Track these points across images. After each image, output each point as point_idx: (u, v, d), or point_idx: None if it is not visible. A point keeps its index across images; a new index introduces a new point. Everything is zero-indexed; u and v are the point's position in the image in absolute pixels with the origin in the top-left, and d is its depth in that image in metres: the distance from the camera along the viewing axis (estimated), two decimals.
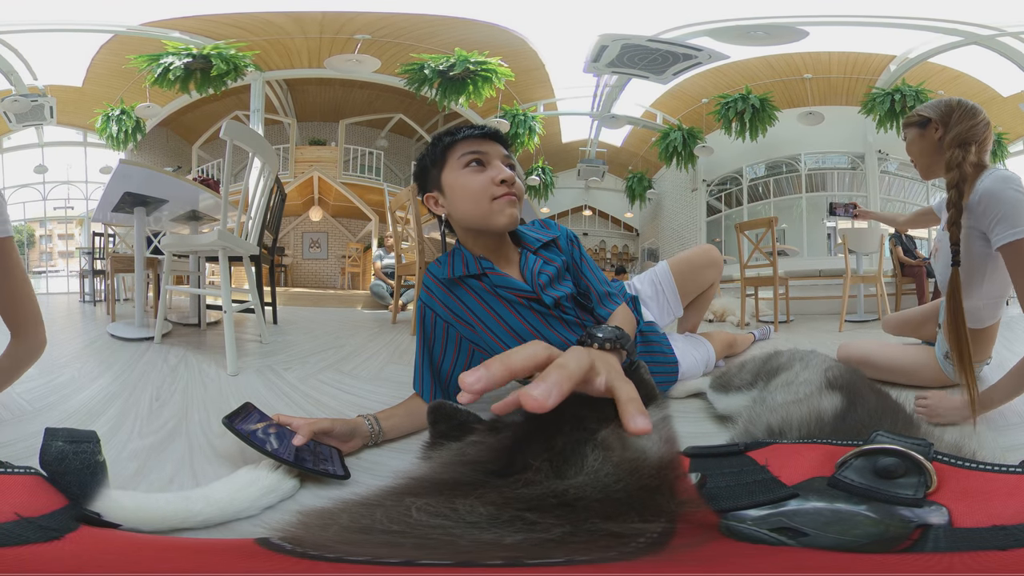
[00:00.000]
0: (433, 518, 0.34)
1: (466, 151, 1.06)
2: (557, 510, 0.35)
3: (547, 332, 1.10)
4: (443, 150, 1.08)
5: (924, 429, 0.59)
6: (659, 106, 6.87)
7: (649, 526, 0.33)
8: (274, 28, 5.73)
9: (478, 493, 0.36)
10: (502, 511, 0.34)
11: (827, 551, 0.33)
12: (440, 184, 1.08)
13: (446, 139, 1.08)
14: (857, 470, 0.38)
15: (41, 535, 0.36)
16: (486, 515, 0.34)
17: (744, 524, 0.36)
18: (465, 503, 0.35)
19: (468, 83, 6.00)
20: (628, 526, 0.33)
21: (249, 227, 2.13)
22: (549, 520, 0.33)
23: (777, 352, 1.04)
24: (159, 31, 5.59)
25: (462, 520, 0.34)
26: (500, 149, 1.08)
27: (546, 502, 0.35)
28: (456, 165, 1.06)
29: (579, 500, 0.35)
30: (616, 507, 0.35)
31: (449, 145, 1.07)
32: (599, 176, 7.67)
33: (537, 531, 0.33)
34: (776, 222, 3.54)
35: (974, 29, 5.18)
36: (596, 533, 0.33)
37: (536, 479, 0.38)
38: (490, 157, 1.06)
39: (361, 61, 5.98)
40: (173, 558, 0.38)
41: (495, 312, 1.09)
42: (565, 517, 0.34)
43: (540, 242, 1.17)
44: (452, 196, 1.07)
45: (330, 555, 0.31)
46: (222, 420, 0.79)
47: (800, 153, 6.68)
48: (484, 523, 0.33)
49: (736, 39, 5.56)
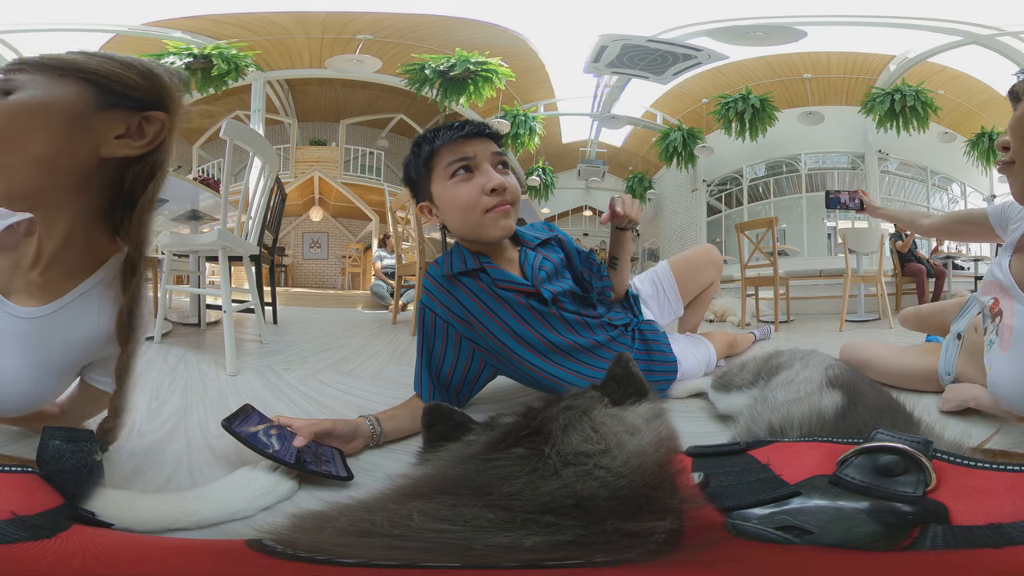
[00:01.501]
0: (436, 523, 0.34)
1: (451, 159, 0.98)
2: (573, 511, 0.35)
3: (547, 332, 1.08)
4: (426, 160, 1.01)
5: (924, 427, 0.59)
6: (659, 106, 6.88)
7: (660, 524, 0.33)
8: (276, 28, 5.73)
9: (485, 500, 0.36)
10: (513, 514, 0.34)
11: (832, 549, 0.33)
12: (431, 195, 1.03)
13: (426, 147, 1.00)
14: (858, 468, 0.38)
15: (32, 534, 0.36)
16: (496, 520, 0.34)
17: (750, 523, 0.36)
18: (471, 510, 0.35)
19: (469, 83, 6.01)
20: (643, 525, 0.33)
21: (249, 227, 2.13)
22: (565, 522, 0.34)
23: (778, 352, 1.04)
24: (161, 31, 5.59)
25: (469, 525, 0.34)
26: (489, 146, 1.00)
27: (560, 503, 0.35)
28: (443, 175, 0.99)
29: (590, 499, 0.36)
30: (626, 505, 0.35)
31: (430, 154, 1.00)
32: (599, 176, 7.67)
33: (554, 533, 0.33)
34: (776, 222, 3.54)
35: (974, 29, 5.18)
36: (613, 533, 0.33)
37: (542, 468, 0.38)
38: (478, 160, 0.99)
39: (362, 61, 5.99)
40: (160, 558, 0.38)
41: (494, 313, 1.07)
42: (580, 518, 0.34)
43: (538, 240, 1.14)
44: (443, 208, 1.02)
45: (320, 557, 0.31)
46: (221, 423, 0.78)
47: (800, 153, 6.68)
48: (494, 527, 0.33)
49: (735, 39, 5.56)
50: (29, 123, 0.61)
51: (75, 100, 0.64)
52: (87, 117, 0.64)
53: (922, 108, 5.79)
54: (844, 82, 6.12)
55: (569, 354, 1.09)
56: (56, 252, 0.69)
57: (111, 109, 0.65)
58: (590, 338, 1.12)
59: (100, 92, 0.65)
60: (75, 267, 0.71)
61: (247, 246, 2.01)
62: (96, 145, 0.65)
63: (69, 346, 0.71)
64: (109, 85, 0.65)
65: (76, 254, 0.70)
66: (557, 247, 1.19)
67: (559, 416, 0.44)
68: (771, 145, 6.50)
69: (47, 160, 0.63)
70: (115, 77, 0.65)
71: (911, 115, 5.83)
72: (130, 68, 0.67)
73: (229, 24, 5.65)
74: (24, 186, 0.63)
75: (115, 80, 0.65)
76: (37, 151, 0.62)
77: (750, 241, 3.60)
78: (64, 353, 0.71)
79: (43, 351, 0.69)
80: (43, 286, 0.70)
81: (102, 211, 0.71)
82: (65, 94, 0.63)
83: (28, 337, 0.68)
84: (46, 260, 0.69)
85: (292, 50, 6.07)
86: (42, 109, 0.62)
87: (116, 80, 0.65)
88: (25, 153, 0.61)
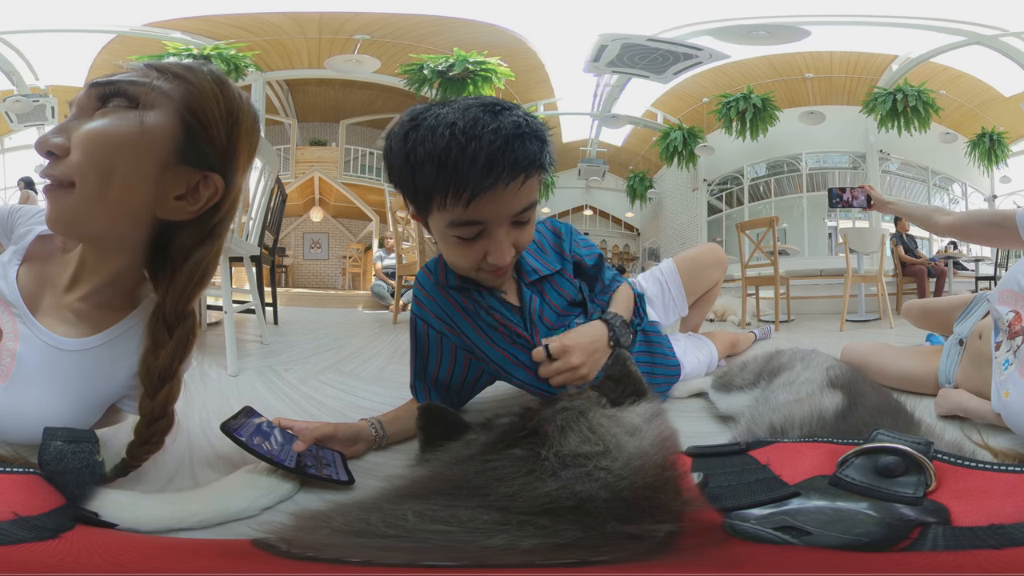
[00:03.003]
0: (431, 523, 0.34)
1: (454, 218, 0.73)
2: (571, 513, 0.35)
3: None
4: (423, 202, 0.75)
5: (925, 428, 0.59)
6: (660, 105, 6.87)
7: (661, 527, 0.33)
8: (274, 28, 5.73)
9: (482, 501, 0.36)
10: (510, 516, 0.34)
11: (831, 550, 0.33)
12: (425, 219, 0.82)
13: (420, 195, 0.74)
14: (858, 469, 0.38)
15: (36, 534, 0.36)
16: (491, 521, 0.34)
17: (748, 523, 0.36)
18: (467, 512, 0.35)
19: (468, 83, 6.00)
20: (644, 527, 0.33)
21: (250, 227, 2.13)
22: (562, 524, 0.33)
23: (779, 352, 1.03)
24: (161, 32, 5.60)
25: (464, 526, 0.34)
26: (516, 200, 0.73)
27: (559, 504, 0.35)
28: (440, 218, 0.76)
29: (589, 501, 0.35)
30: (626, 507, 0.35)
31: (426, 203, 0.75)
32: (600, 176, 7.66)
33: (552, 536, 0.33)
34: (777, 221, 3.54)
35: (976, 29, 5.17)
36: (612, 536, 0.33)
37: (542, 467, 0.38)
38: (491, 227, 0.75)
39: (361, 61, 5.98)
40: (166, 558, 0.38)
41: (483, 332, 0.95)
42: (578, 520, 0.34)
43: (538, 274, 0.97)
44: (435, 237, 0.85)
45: (326, 556, 0.31)
46: (220, 427, 0.76)
47: (801, 152, 6.68)
48: (490, 529, 0.33)
49: (737, 39, 5.56)
50: (144, 156, 0.56)
51: (169, 140, 0.58)
52: (168, 168, 0.58)
53: (924, 108, 5.79)
54: (846, 82, 6.11)
55: None
56: (99, 286, 0.65)
57: (185, 164, 0.59)
58: None
59: (188, 140, 0.58)
60: (116, 300, 0.67)
61: (248, 247, 2.01)
62: (159, 201, 0.60)
63: (115, 380, 0.67)
64: (199, 133, 0.59)
65: (119, 291, 0.67)
66: (562, 277, 1.02)
67: (555, 417, 0.44)
68: (772, 144, 6.50)
69: (138, 205, 0.58)
70: (206, 124, 0.59)
71: (913, 115, 5.82)
72: (223, 119, 0.60)
73: (228, 25, 5.65)
74: (101, 231, 0.58)
75: (204, 129, 0.58)
76: (136, 196, 0.57)
77: (751, 240, 3.60)
78: (111, 386, 0.67)
79: (89, 384, 0.65)
80: (80, 313, 0.65)
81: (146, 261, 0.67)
82: (173, 132, 0.57)
83: (74, 369, 0.63)
84: (86, 289, 0.65)
85: (291, 50, 6.07)
86: (160, 142, 0.56)
87: (204, 130, 0.59)
88: (128, 192, 0.57)
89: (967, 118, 6.11)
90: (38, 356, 0.62)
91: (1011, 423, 0.84)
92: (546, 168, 0.75)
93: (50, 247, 0.68)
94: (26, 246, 0.67)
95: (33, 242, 0.68)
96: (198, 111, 0.58)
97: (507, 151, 0.68)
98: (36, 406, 0.61)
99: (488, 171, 0.67)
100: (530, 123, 0.73)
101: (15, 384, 0.61)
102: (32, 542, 0.35)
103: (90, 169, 0.54)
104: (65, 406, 0.63)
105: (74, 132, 0.55)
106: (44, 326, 0.63)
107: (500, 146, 0.67)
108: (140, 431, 0.66)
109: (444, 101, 0.74)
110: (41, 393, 0.61)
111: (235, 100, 0.62)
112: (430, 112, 0.73)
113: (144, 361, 0.65)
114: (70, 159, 0.54)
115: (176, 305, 0.65)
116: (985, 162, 6.15)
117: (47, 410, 0.61)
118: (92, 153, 0.54)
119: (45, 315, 0.64)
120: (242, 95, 0.64)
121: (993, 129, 6.04)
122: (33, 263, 0.67)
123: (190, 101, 0.58)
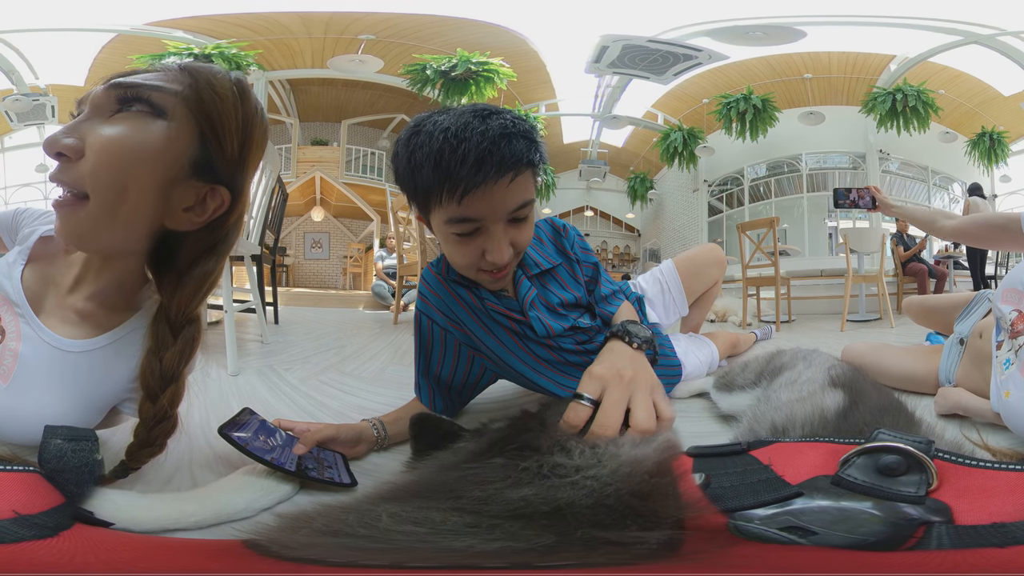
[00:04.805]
0: (403, 524, 0.34)
1: (450, 216, 0.76)
2: (544, 519, 0.34)
3: (542, 351, 0.99)
4: (423, 201, 0.79)
5: (926, 427, 0.59)
6: (660, 107, 6.87)
7: (649, 534, 0.33)
8: (279, 28, 5.73)
9: (454, 504, 0.36)
10: (481, 519, 0.34)
11: (840, 549, 0.33)
12: (427, 218, 0.84)
13: (420, 195, 0.78)
14: (860, 468, 0.38)
15: (36, 532, 0.36)
16: (462, 523, 0.34)
17: (752, 524, 0.36)
18: (440, 514, 0.35)
19: (470, 83, 6.00)
20: (625, 534, 0.33)
21: (250, 227, 2.13)
22: (530, 531, 0.33)
23: (780, 351, 1.03)
24: (162, 31, 5.60)
25: (435, 528, 0.33)
26: (508, 197, 0.75)
27: (534, 508, 0.35)
28: (439, 215, 0.78)
29: (569, 506, 0.35)
30: (608, 514, 0.35)
31: (426, 202, 0.79)
32: (600, 177, 7.66)
33: (519, 540, 0.32)
34: (777, 222, 3.54)
35: (975, 28, 5.17)
36: (590, 543, 0.33)
37: (525, 477, 0.38)
38: (487, 224, 0.78)
39: (364, 61, 5.99)
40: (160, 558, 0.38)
41: (487, 327, 0.99)
42: (552, 528, 0.33)
43: (539, 267, 1.00)
44: (437, 237, 0.87)
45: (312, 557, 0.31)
46: (218, 430, 0.75)
47: (801, 153, 6.68)
48: (459, 530, 0.33)
49: (734, 39, 5.56)
50: (162, 170, 0.54)
51: (186, 155, 0.56)
52: (180, 182, 0.57)
53: (923, 108, 5.79)
54: (845, 82, 6.11)
55: (566, 372, 1.03)
56: (103, 287, 0.65)
57: (195, 178, 0.58)
58: (588, 357, 1.06)
59: (202, 154, 0.57)
60: (119, 302, 0.67)
61: (248, 246, 2.01)
62: (169, 213, 0.59)
63: (117, 382, 0.67)
64: (214, 148, 0.57)
65: (122, 293, 0.67)
66: (567, 273, 1.04)
67: (552, 432, 0.43)
68: (772, 145, 6.50)
69: (149, 218, 0.57)
70: (221, 140, 0.57)
71: (912, 115, 5.82)
72: (237, 132, 0.58)
73: (232, 24, 5.65)
74: (112, 245, 0.58)
75: (219, 144, 0.57)
76: (149, 210, 0.56)
77: (751, 241, 3.60)
78: (113, 388, 0.67)
79: (91, 385, 0.64)
80: (83, 314, 0.64)
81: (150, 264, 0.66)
82: (191, 146, 0.56)
83: (76, 370, 0.63)
84: (89, 291, 0.64)
85: (294, 50, 6.07)
86: (178, 158, 0.55)
87: (219, 145, 0.57)
88: (141, 206, 0.56)
89: (967, 118, 6.11)
90: (40, 357, 0.61)
91: (1011, 423, 0.84)
92: (535, 165, 0.80)
93: (54, 248, 0.67)
94: (31, 246, 0.67)
95: (37, 242, 0.67)
96: (217, 126, 0.57)
97: (494, 150, 0.72)
98: (37, 406, 0.60)
99: (477, 169, 0.72)
100: (518, 124, 0.77)
101: (17, 384, 0.60)
102: (33, 540, 0.35)
103: (107, 182, 0.52)
104: (66, 407, 0.62)
105: (88, 134, 0.52)
106: (47, 326, 0.62)
107: (487, 146, 0.72)
108: (140, 433, 0.66)
109: (444, 109, 0.80)
110: (43, 394, 0.61)
111: (251, 114, 0.61)
112: (430, 119, 0.78)
113: (146, 363, 0.64)
114: (83, 165, 0.52)
115: (183, 311, 0.64)
116: (985, 161, 6.14)
117: (48, 411, 0.60)
118: (110, 165, 0.52)
119: (48, 315, 0.63)
120: (258, 106, 0.63)
121: (993, 128, 6.04)
122: (37, 263, 0.66)
123: (212, 115, 0.57)
